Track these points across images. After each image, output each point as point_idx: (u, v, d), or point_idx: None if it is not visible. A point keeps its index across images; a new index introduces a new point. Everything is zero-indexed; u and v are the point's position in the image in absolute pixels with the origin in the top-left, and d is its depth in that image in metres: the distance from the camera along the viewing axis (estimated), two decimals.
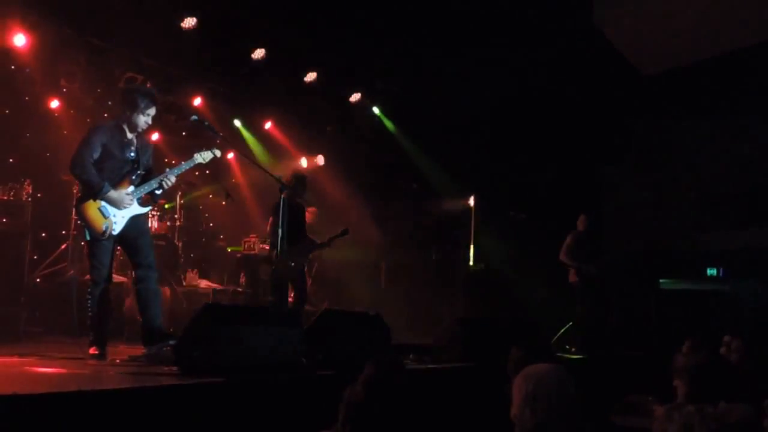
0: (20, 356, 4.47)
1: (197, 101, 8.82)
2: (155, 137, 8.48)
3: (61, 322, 6.39)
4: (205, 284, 8.29)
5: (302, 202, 7.12)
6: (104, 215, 4.60)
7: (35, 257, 7.26)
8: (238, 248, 8.99)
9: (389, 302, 9.00)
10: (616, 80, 9.40)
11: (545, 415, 2.25)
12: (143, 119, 4.78)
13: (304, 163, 10.36)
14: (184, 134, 9.36)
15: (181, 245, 8.43)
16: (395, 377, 2.44)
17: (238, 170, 10.29)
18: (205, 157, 5.09)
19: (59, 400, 2.74)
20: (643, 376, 5.41)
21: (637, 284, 9.10)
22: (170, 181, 4.88)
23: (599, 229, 8.27)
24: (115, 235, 4.65)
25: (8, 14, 6.78)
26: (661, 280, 8.97)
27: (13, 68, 7.34)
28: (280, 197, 5.93)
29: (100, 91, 8.10)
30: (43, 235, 7.65)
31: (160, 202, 7.90)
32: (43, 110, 7.86)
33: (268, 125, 10.05)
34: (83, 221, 4.64)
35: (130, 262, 4.89)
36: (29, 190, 6.77)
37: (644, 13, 8.84)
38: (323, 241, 7.21)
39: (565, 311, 8.14)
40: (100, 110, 8.08)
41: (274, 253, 6.73)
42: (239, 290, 8.36)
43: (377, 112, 10.65)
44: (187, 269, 8.32)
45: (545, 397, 2.27)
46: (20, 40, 6.94)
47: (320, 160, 10.45)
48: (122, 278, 6.91)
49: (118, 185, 4.68)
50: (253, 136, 10.06)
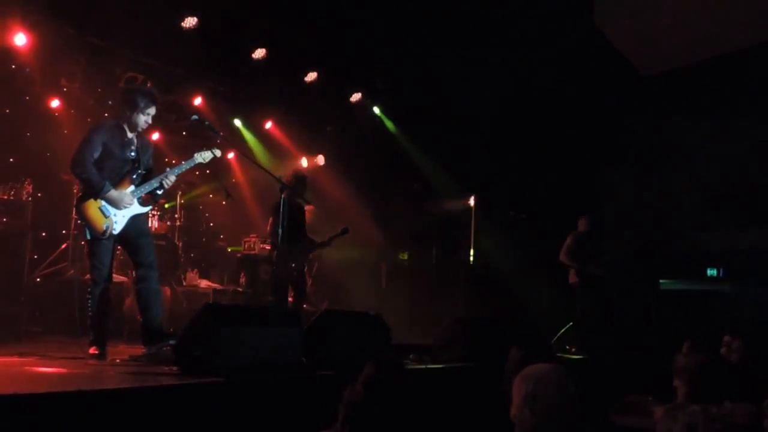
0: (20, 356, 4.47)
1: (197, 101, 8.82)
2: (155, 137, 8.49)
3: (61, 321, 6.40)
4: (205, 284, 8.29)
5: (301, 201, 7.12)
6: (105, 215, 4.60)
7: (35, 257, 7.26)
8: (238, 248, 8.99)
9: (389, 302, 9.01)
10: (616, 80, 9.40)
11: (545, 415, 2.25)
12: (143, 119, 4.78)
13: (304, 163, 10.36)
14: (184, 134, 9.35)
15: (181, 245, 8.43)
16: (395, 377, 2.44)
17: (238, 170, 10.29)
18: (205, 156, 5.10)
19: (59, 400, 2.74)
20: (643, 376, 5.40)
21: (637, 284, 9.10)
22: (170, 180, 4.88)
23: (599, 229, 8.27)
24: (115, 234, 4.66)
25: (9, 14, 6.78)
26: (661, 280, 8.96)
27: (13, 68, 7.34)
28: (280, 197, 5.94)
29: (100, 90, 8.10)
30: (43, 234, 7.64)
31: (160, 201, 7.91)
32: (43, 110, 7.86)
33: (268, 125, 10.06)
34: (84, 220, 4.64)
35: (131, 261, 4.88)
36: (29, 189, 6.77)
37: (644, 13, 8.84)
38: (323, 240, 7.22)
39: (565, 311, 8.13)
40: (100, 110, 8.08)
41: (274, 253, 6.74)
42: (239, 290, 8.36)
43: (377, 112, 10.65)
44: (187, 269, 8.32)
45: (545, 397, 2.27)
46: (21, 39, 6.94)
47: (320, 160, 10.45)
48: (122, 278, 6.91)
49: (118, 185, 4.69)
50: (253, 135, 10.07)
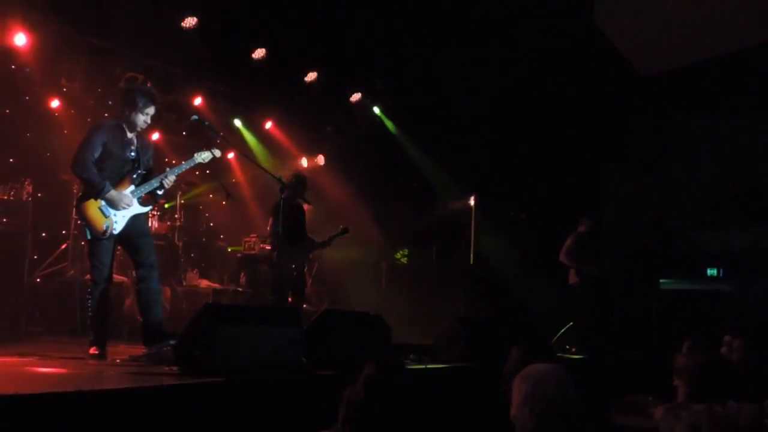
0: (20, 356, 4.46)
1: (198, 101, 8.83)
2: (156, 137, 8.49)
3: (61, 322, 6.40)
4: (205, 284, 8.30)
5: (301, 201, 7.12)
6: (105, 214, 4.60)
7: (35, 257, 7.26)
8: (238, 248, 8.99)
9: (389, 302, 9.00)
10: (616, 80, 9.40)
11: (544, 415, 2.25)
12: (142, 118, 4.78)
13: (304, 163, 10.36)
14: (184, 134, 9.36)
15: (181, 245, 8.43)
16: (395, 377, 2.44)
17: (238, 170, 10.29)
18: (205, 157, 5.10)
19: (59, 400, 2.74)
20: (643, 376, 5.40)
21: (637, 284, 9.10)
22: (170, 180, 4.88)
23: (599, 230, 8.27)
24: (115, 234, 4.66)
25: (9, 13, 6.78)
26: (661, 280, 8.96)
27: (13, 68, 7.34)
28: (280, 197, 5.94)
29: (100, 90, 8.10)
30: (43, 234, 7.64)
31: (160, 202, 7.91)
32: (43, 110, 7.86)
33: (268, 125, 10.07)
34: (84, 220, 4.64)
35: (131, 261, 4.88)
36: (30, 189, 6.77)
37: (644, 13, 8.83)
38: (323, 240, 7.22)
39: (565, 311, 8.13)
40: (100, 110, 8.08)
41: (274, 253, 6.74)
42: (239, 290, 8.36)
43: (377, 112, 10.65)
44: (187, 269, 8.32)
45: (545, 397, 2.27)
46: (21, 39, 6.94)
47: (320, 160, 10.46)
48: (122, 278, 6.91)
49: (118, 185, 4.69)
50: (253, 135, 10.07)
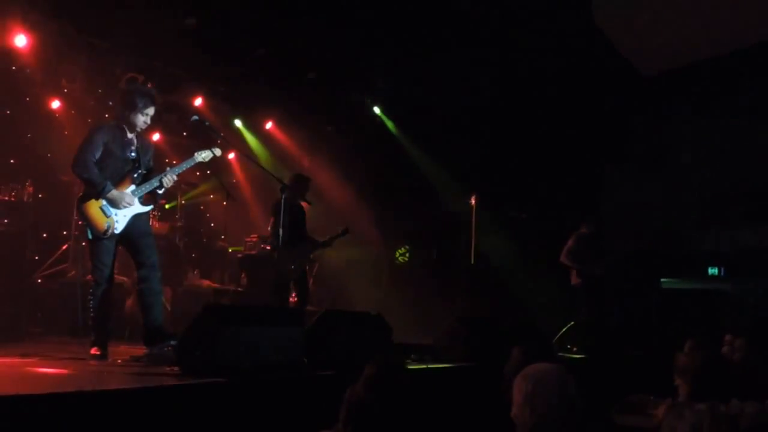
0: (22, 357, 4.46)
1: (198, 101, 8.85)
2: (156, 137, 8.50)
3: (62, 322, 6.41)
4: (206, 284, 8.30)
5: (302, 202, 7.12)
6: (106, 214, 4.61)
7: (36, 258, 7.27)
8: (239, 248, 8.99)
9: (390, 302, 9.01)
10: (616, 80, 9.39)
11: (545, 414, 2.25)
12: (142, 119, 4.79)
13: (304, 163, 10.37)
14: (185, 134, 9.37)
15: (182, 245, 8.43)
16: (396, 377, 2.44)
17: (239, 170, 10.30)
18: (205, 156, 5.10)
19: (61, 400, 2.74)
20: (644, 375, 5.40)
21: (638, 284, 9.09)
22: (171, 180, 4.88)
23: (602, 231, 8.28)
24: (116, 234, 4.66)
25: (9, 14, 6.79)
26: (662, 279, 8.95)
27: (14, 69, 7.35)
28: (280, 198, 5.94)
29: (101, 91, 8.12)
30: (44, 235, 7.66)
31: (160, 202, 7.91)
32: (44, 111, 7.87)
33: (268, 125, 10.07)
34: (85, 220, 4.64)
35: (133, 261, 4.89)
36: (30, 190, 6.78)
37: (645, 12, 8.83)
38: (324, 240, 7.22)
39: (565, 311, 8.13)
40: (101, 110, 8.09)
41: (275, 253, 6.74)
42: (240, 290, 8.36)
43: (377, 112, 10.65)
44: (188, 269, 8.32)
45: (545, 396, 2.27)
46: (21, 40, 6.95)
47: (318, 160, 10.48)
48: (123, 278, 6.91)
49: (119, 184, 4.70)
50: (253, 136, 10.08)
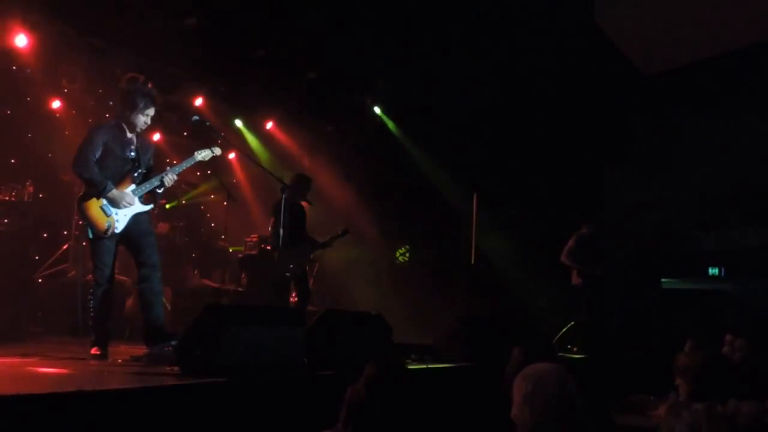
0: (22, 356, 4.46)
1: (198, 101, 8.85)
2: (157, 137, 8.51)
3: (62, 322, 6.41)
4: (206, 284, 8.30)
5: (302, 202, 7.11)
6: (106, 213, 4.61)
7: (37, 257, 7.28)
8: (239, 248, 8.99)
9: (390, 302, 9.00)
10: (617, 79, 9.39)
11: (545, 414, 2.26)
12: (142, 119, 4.79)
13: (304, 163, 10.37)
14: (185, 134, 9.37)
15: (182, 245, 8.43)
16: (396, 377, 2.44)
17: (239, 170, 10.30)
18: (204, 155, 5.10)
19: (61, 400, 2.74)
20: (644, 375, 5.40)
21: (638, 284, 9.09)
22: (171, 179, 4.88)
23: (602, 231, 8.28)
24: (117, 233, 4.66)
25: (9, 14, 6.79)
26: (662, 279, 8.95)
27: (14, 69, 7.36)
28: (281, 198, 5.94)
29: (101, 91, 8.12)
30: (44, 235, 7.66)
31: (161, 202, 7.91)
32: (44, 111, 7.87)
33: (269, 125, 10.07)
34: (85, 219, 4.64)
35: (134, 261, 4.89)
36: (31, 190, 6.79)
37: (645, 11, 8.82)
38: (324, 240, 7.22)
39: (566, 310, 8.13)
40: (101, 110, 8.10)
41: (275, 253, 6.74)
42: (240, 290, 8.36)
43: (378, 112, 10.65)
44: (188, 269, 8.32)
45: (545, 396, 2.27)
46: (21, 40, 6.96)
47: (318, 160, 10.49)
48: (123, 278, 6.91)
49: (119, 184, 4.70)
50: (254, 136, 10.08)
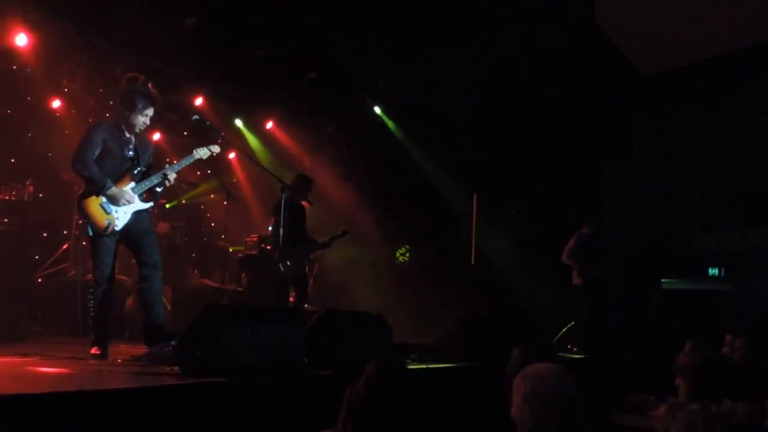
0: (22, 356, 4.46)
1: (199, 101, 8.85)
2: (157, 137, 8.51)
3: (62, 321, 6.41)
4: (206, 284, 8.29)
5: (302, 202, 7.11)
6: (106, 211, 4.61)
7: (37, 257, 7.28)
8: (239, 248, 8.98)
9: (390, 302, 9.00)
10: (617, 80, 9.40)
11: (544, 414, 2.26)
12: (141, 119, 4.79)
13: (305, 163, 10.37)
14: (185, 134, 9.37)
15: (182, 245, 8.43)
16: (396, 377, 2.44)
17: (239, 170, 10.30)
18: (203, 153, 5.10)
19: (61, 400, 2.74)
20: (644, 375, 5.40)
21: (639, 284, 9.09)
22: (170, 177, 4.87)
23: (602, 231, 8.29)
24: (117, 230, 4.66)
25: (10, 14, 6.79)
26: (663, 279, 8.96)
27: (14, 68, 7.35)
28: (281, 197, 5.93)
29: (101, 91, 8.12)
30: (44, 235, 7.66)
31: (161, 201, 7.91)
32: (44, 110, 7.87)
33: (269, 125, 10.07)
34: (85, 217, 4.64)
35: (134, 260, 4.89)
36: (31, 190, 6.79)
37: (646, 12, 8.83)
38: (324, 241, 7.22)
39: (566, 310, 8.13)
40: (101, 110, 8.09)
41: (275, 253, 6.74)
42: (240, 290, 8.36)
43: (378, 111, 10.65)
44: (188, 269, 8.31)
45: (544, 396, 2.27)
46: (22, 40, 6.96)
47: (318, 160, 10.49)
48: (123, 277, 6.91)
49: (119, 182, 4.70)
50: (254, 135, 10.08)
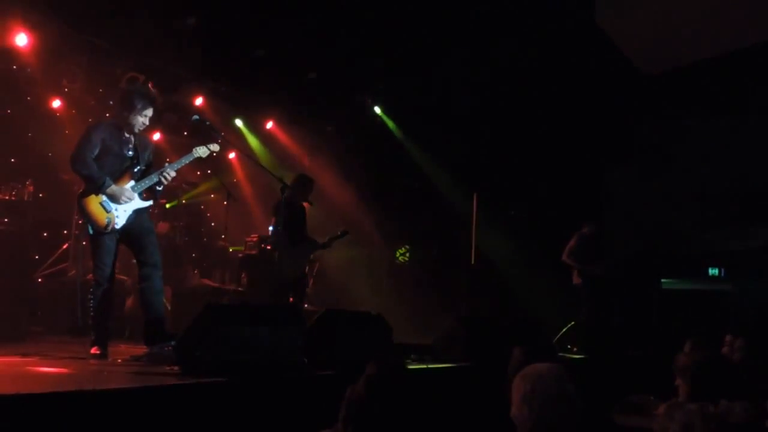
0: (22, 356, 4.46)
1: (199, 101, 8.85)
2: (157, 137, 8.51)
3: (62, 321, 6.41)
4: (206, 284, 8.30)
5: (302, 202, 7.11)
6: (106, 209, 4.61)
7: (37, 257, 7.28)
8: (239, 248, 8.98)
9: (390, 302, 9.00)
10: (617, 80, 9.39)
11: (544, 414, 2.26)
12: (140, 120, 4.79)
13: (305, 163, 10.37)
14: (185, 134, 9.36)
15: (182, 245, 8.43)
16: (396, 377, 2.44)
17: (239, 170, 10.30)
18: (203, 152, 5.10)
19: (61, 399, 2.74)
20: (644, 375, 5.41)
21: (639, 284, 9.09)
22: (170, 175, 4.86)
23: (602, 230, 8.29)
24: (118, 229, 4.65)
25: (10, 14, 6.79)
26: (662, 279, 8.96)
27: (14, 68, 7.35)
28: (281, 197, 5.93)
29: (101, 90, 8.12)
30: (44, 235, 7.66)
31: (161, 201, 7.91)
32: (44, 110, 7.87)
33: (269, 125, 10.07)
34: (86, 216, 4.63)
35: (135, 260, 4.89)
36: (31, 189, 6.79)
37: (646, 12, 8.83)
38: (323, 241, 7.21)
39: (566, 310, 8.13)
40: (101, 110, 8.09)
41: (275, 253, 6.74)
42: (240, 290, 8.36)
43: (378, 111, 10.65)
44: (188, 269, 8.31)
45: (544, 396, 2.28)
46: (22, 39, 6.96)
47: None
48: (123, 277, 6.91)
49: (118, 180, 4.70)
50: (254, 135, 10.08)
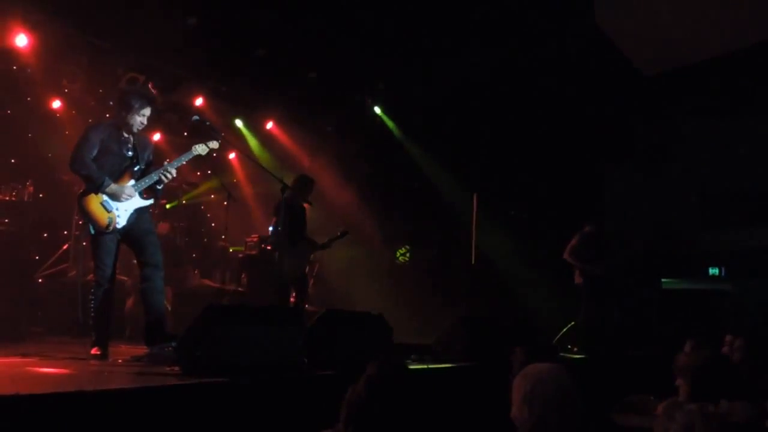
0: (22, 356, 4.46)
1: (199, 101, 8.85)
2: (157, 137, 8.51)
3: (63, 322, 6.41)
4: (206, 284, 8.30)
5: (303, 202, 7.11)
6: (107, 209, 4.61)
7: (37, 257, 7.28)
8: (239, 248, 8.99)
9: (390, 302, 9.00)
10: (617, 80, 9.39)
11: (544, 414, 2.26)
12: (138, 120, 4.79)
13: (305, 163, 10.36)
14: (185, 134, 9.36)
15: (183, 245, 8.43)
16: (397, 377, 2.44)
17: (239, 170, 10.30)
18: (202, 149, 5.10)
19: (61, 400, 2.74)
20: (644, 375, 5.40)
21: (639, 284, 9.09)
22: (170, 173, 4.87)
23: (603, 230, 8.29)
24: (119, 228, 4.65)
25: (10, 14, 6.79)
26: (663, 279, 8.96)
27: (14, 68, 7.35)
28: (281, 198, 5.94)
29: (101, 91, 8.12)
30: (44, 235, 7.66)
31: (161, 201, 7.91)
32: (44, 111, 7.87)
33: (269, 125, 10.07)
34: (87, 216, 4.63)
35: (136, 260, 4.89)
36: (31, 190, 6.79)
37: (646, 12, 8.83)
38: (323, 242, 7.22)
39: (566, 311, 8.13)
40: (101, 110, 8.09)
41: (275, 253, 6.74)
42: (241, 290, 8.36)
43: (378, 111, 10.65)
44: (188, 269, 8.32)
45: (544, 396, 2.28)
46: (22, 40, 6.96)
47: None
48: (123, 277, 6.91)
49: (118, 180, 4.70)
50: (254, 135, 10.08)
